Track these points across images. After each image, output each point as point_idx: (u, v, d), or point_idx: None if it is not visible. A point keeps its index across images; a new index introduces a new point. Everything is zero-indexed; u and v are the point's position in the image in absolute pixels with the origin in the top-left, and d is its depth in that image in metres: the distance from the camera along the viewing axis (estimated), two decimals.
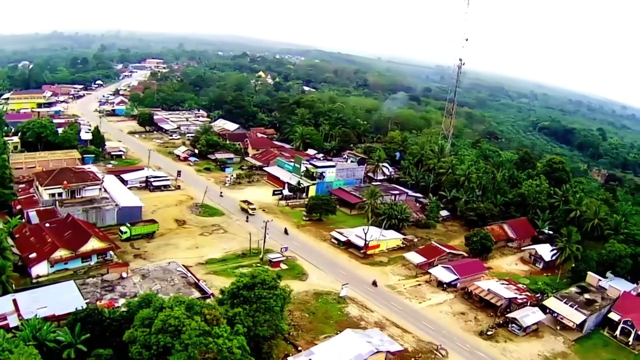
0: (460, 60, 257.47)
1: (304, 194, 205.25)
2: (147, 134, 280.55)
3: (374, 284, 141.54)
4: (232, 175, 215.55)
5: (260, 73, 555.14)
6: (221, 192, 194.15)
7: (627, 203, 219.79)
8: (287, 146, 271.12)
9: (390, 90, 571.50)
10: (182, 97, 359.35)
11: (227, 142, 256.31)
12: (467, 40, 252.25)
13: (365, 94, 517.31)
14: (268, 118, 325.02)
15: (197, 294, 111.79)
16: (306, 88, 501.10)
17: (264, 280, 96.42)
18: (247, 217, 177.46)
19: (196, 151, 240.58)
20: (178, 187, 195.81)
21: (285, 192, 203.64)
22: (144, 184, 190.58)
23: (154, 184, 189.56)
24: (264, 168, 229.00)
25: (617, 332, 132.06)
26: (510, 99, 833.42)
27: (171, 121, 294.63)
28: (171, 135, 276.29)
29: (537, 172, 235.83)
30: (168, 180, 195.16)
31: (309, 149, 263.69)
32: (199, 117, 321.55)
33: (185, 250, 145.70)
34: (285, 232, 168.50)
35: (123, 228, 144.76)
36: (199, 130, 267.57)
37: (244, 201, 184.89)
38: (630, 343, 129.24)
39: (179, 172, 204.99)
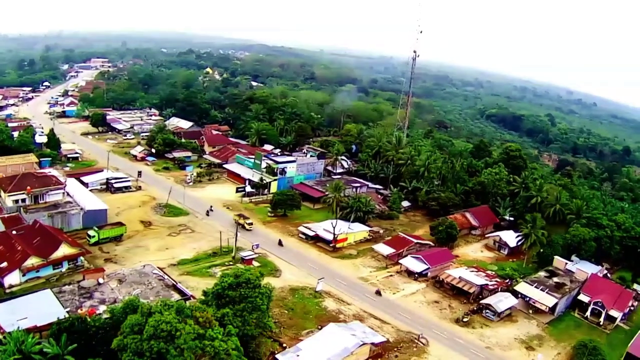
0: (415, 52, 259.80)
1: (266, 190, 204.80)
2: (101, 135, 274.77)
3: (378, 293, 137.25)
4: (192, 174, 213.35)
5: (208, 69, 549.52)
6: (211, 207, 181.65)
7: (583, 187, 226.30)
8: (243, 142, 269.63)
9: (338, 83, 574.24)
10: (132, 96, 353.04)
11: (183, 140, 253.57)
12: (421, 32, 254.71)
13: (314, 87, 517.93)
14: (221, 115, 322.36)
15: (176, 297, 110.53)
16: (254, 83, 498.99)
17: (248, 280, 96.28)
18: (208, 212, 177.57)
19: (153, 150, 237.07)
20: (139, 188, 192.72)
21: (248, 188, 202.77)
22: (104, 186, 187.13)
23: (115, 185, 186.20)
24: (224, 165, 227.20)
25: (588, 313, 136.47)
26: (455, 87, 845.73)
27: (124, 121, 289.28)
28: (125, 135, 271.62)
29: (494, 160, 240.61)
30: (129, 181, 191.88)
31: (265, 144, 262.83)
32: (151, 115, 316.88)
33: (155, 252, 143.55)
34: (280, 243, 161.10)
35: (91, 232, 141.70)
36: (153, 130, 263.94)
37: (239, 215, 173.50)
38: (601, 323, 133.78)
39: (139, 173, 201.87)
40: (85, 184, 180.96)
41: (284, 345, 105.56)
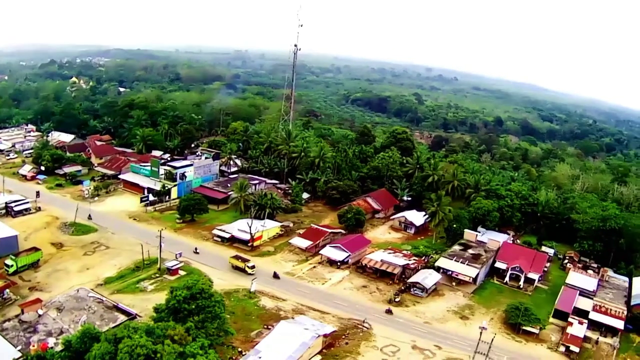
0: (296, 46, 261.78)
1: (167, 197, 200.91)
2: None
3: (389, 312, 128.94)
4: (89, 188, 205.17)
5: (74, 79, 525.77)
6: (196, 248, 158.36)
7: (468, 161, 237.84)
8: (129, 150, 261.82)
9: (203, 82, 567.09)
10: (7, 114, 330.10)
11: (69, 154, 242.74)
12: (301, 25, 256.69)
13: (182, 87, 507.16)
14: (101, 124, 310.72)
15: (122, 317, 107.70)
16: (121, 89, 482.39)
17: (202, 290, 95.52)
18: (90, 216, 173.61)
19: (42, 168, 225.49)
20: (39, 209, 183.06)
21: (152, 197, 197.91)
22: (3, 210, 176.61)
23: (15, 208, 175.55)
24: (119, 176, 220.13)
25: (507, 279, 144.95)
26: (314, 75, 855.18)
27: (4, 140, 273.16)
28: (8, 155, 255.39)
29: (382, 144, 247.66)
30: (28, 202, 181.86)
31: (153, 150, 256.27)
32: (29, 132, 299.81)
33: (77, 274, 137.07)
34: (275, 276, 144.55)
35: (8, 261, 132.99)
36: (36, 146, 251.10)
37: (236, 257, 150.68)
38: (521, 286, 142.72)
39: (37, 193, 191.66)
40: None
41: (240, 349, 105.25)
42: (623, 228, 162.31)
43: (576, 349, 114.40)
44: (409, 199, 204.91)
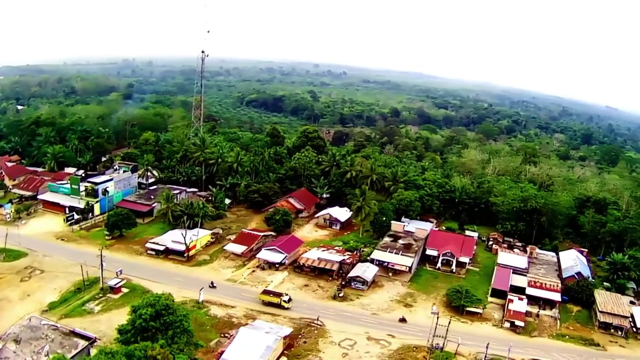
0: (203, 52, 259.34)
1: (91, 214, 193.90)
2: None
3: (403, 320, 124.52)
4: (10, 212, 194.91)
5: None
6: (212, 282, 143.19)
7: (377, 154, 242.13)
8: (41, 169, 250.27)
9: (98, 93, 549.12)
10: None
11: None
12: (208, 32, 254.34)
13: (79, 101, 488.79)
14: (8, 145, 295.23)
15: (82, 342, 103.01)
16: (19, 107, 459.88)
17: (167, 306, 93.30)
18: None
19: None
20: None
21: (77, 216, 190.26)
22: None
23: None
24: (38, 196, 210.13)
25: (439, 264, 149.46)
26: (205, 79, 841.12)
27: None
28: None
29: (294, 144, 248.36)
30: None
31: (65, 167, 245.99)
32: None
33: (19, 301, 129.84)
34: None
35: None
36: None
37: (267, 292, 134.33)
38: (454, 270, 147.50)
39: None
40: None
41: None
42: (543, 207, 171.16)
43: (521, 324, 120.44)
44: (328, 196, 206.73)
